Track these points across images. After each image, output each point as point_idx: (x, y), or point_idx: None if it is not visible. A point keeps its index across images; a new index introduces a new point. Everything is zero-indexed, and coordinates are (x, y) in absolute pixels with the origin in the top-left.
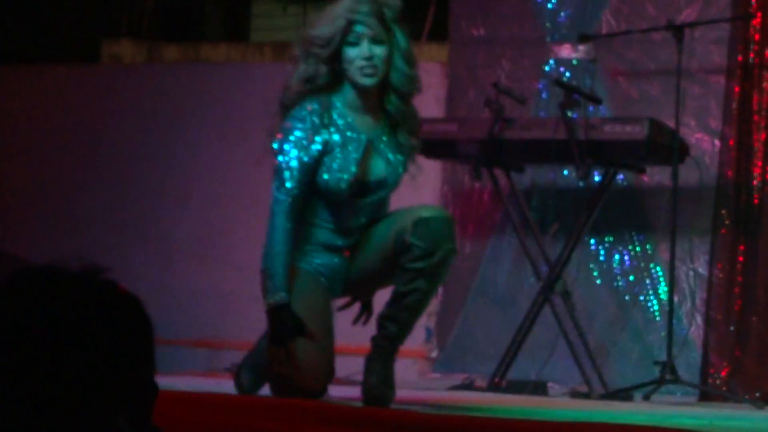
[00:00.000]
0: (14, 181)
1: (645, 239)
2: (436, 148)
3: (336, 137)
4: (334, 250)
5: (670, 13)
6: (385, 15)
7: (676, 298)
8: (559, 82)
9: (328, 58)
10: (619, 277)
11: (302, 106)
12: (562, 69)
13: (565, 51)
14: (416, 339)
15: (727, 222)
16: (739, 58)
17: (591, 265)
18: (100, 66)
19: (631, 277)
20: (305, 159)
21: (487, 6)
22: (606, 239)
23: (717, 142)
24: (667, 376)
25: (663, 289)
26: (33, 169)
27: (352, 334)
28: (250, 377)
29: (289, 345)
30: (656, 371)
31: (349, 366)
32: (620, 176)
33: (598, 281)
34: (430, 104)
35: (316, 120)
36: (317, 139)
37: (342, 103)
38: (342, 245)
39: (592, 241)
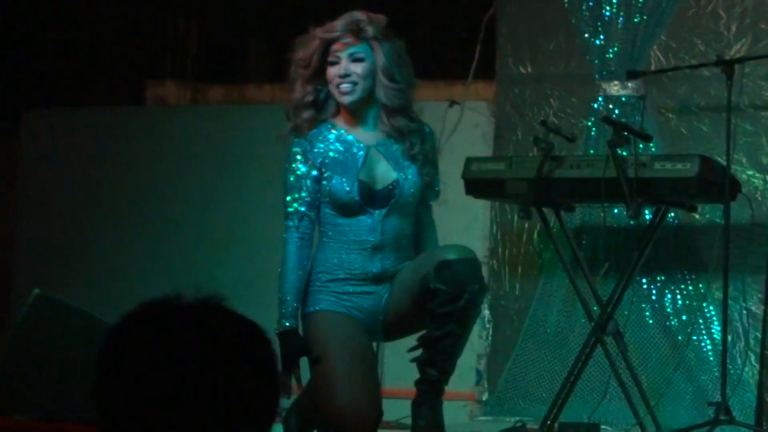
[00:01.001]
0: (59, 225)
1: (697, 278)
2: (485, 187)
3: (332, 154)
4: (366, 280)
5: (719, 48)
6: (364, 32)
7: (729, 338)
8: (608, 120)
9: (312, 79)
10: (671, 317)
11: (288, 147)
12: (611, 106)
13: (614, 88)
14: (466, 381)
15: None
16: None
17: (643, 305)
18: (145, 108)
19: (684, 317)
20: (303, 180)
21: (534, 43)
22: (658, 278)
23: None
24: (722, 417)
25: (716, 328)
26: (77, 213)
27: (400, 378)
28: (298, 422)
29: (294, 369)
30: (710, 412)
31: (399, 410)
32: (671, 214)
33: (650, 321)
34: (477, 143)
35: (304, 147)
36: (308, 165)
37: (339, 122)
38: (374, 273)
39: (644, 280)
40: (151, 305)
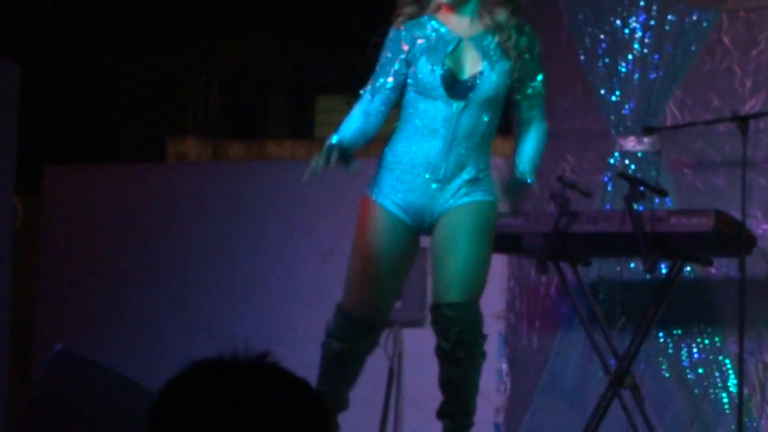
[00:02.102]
0: (82, 280)
1: (713, 332)
2: (502, 242)
3: (422, 41)
4: (426, 169)
5: (734, 104)
6: None
7: (746, 391)
8: (624, 175)
9: None
10: (688, 371)
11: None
12: (627, 161)
13: (630, 143)
14: None
15: None
16: None
17: (660, 359)
18: (166, 164)
19: (700, 370)
20: (388, 62)
21: (551, 99)
22: (674, 332)
23: None
24: None
25: (732, 381)
26: (100, 268)
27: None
28: None
29: (327, 156)
30: None
31: None
32: (687, 269)
33: (667, 375)
34: None
35: (399, 34)
36: (395, 50)
37: (440, 15)
38: (435, 163)
39: (660, 334)
40: (206, 365)
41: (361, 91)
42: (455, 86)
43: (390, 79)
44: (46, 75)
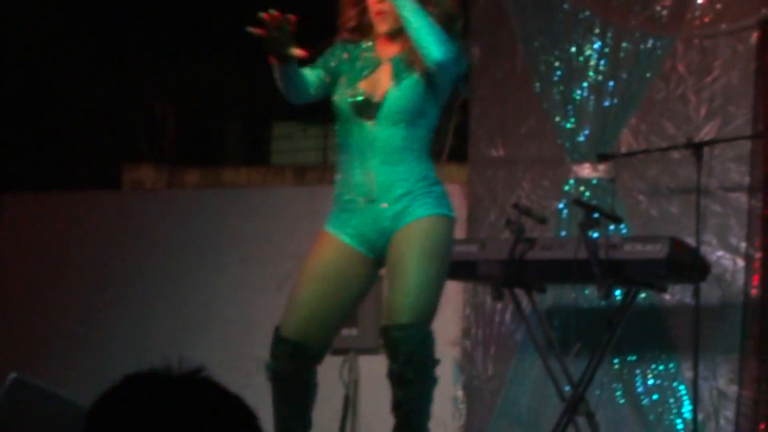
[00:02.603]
0: (35, 307)
1: (668, 358)
2: (458, 269)
3: (345, 62)
4: (357, 193)
5: (688, 131)
6: None
7: (700, 417)
8: (578, 202)
9: (355, 4)
10: (642, 397)
11: None
12: (582, 188)
13: (585, 170)
14: None
15: (750, 342)
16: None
17: (614, 385)
18: (122, 192)
19: (655, 396)
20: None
21: (506, 127)
22: (629, 358)
23: (739, 260)
24: None
25: (687, 407)
26: (55, 295)
27: None
28: None
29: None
30: None
31: None
32: (642, 295)
33: (622, 401)
34: None
35: (335, 48)
36: (332, 56)
37: (373, 42)
38: (364, 186)
39: (615, 360)
40: (140, 378)
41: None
42: (366, 108)
43: (318, 69)
44: None
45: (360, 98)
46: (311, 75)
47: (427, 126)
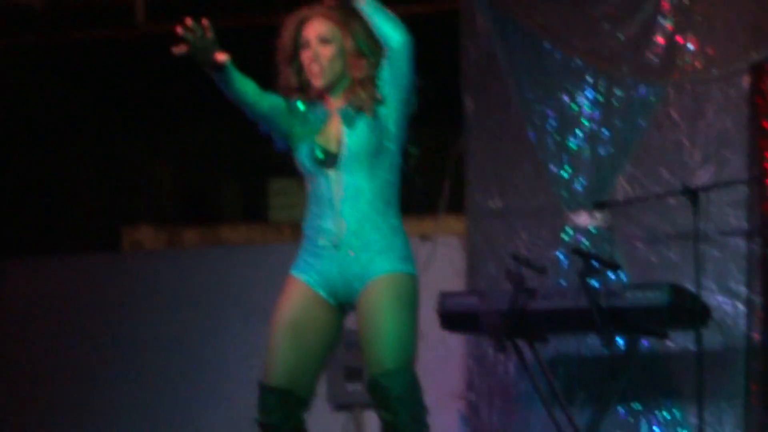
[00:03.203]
0: (39, 372)
1: (672, 405)
2: (459, 321)
3: (298, 124)
4: (325, 238)
5: (684, 176)
6: (331, 15)
7: None
8: (577, 251)
9: (290, 63)
10: None
11: None
12: (580, 237)
13: (582, 219)
14: None
15: (754, 387)
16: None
17: None
18: (122, 253)
19: None
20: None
21: (502, 178)
22: (634, 406)
23: (739, 304)
24: None
25: None
26: (57, 359)
27: None
28: None
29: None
30: None
31: None
32: (644, 342)
33: None
34: (450, 277)
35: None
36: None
37: (316, 99)
38: (332, 231)
39: (621, 409)
40: None
41: None
42: (327, 159)
43: (280, 98)
44: None
45: (318, 152)
46: (273, 98)
47: (390, 163)
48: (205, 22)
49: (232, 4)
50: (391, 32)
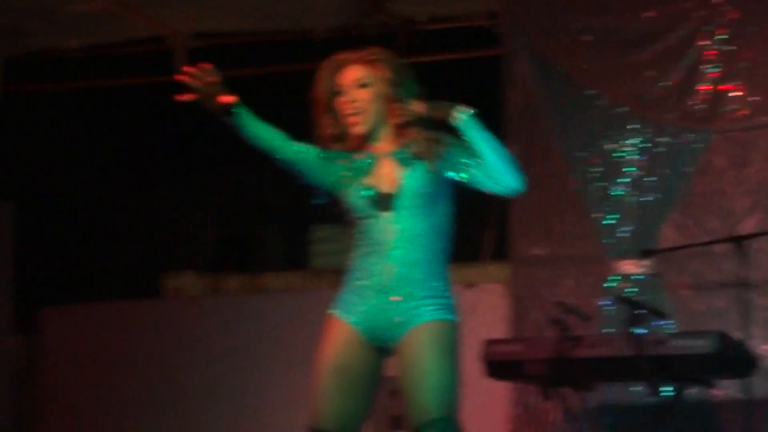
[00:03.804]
0: (82, 419)
1: None
2: (504, 369)
3: (345, 167)
4: (374, 281)
5: (730, 224)
6: (367, 59)
7: None
8: (623, 299)
9: (328, 112)
10: None
11: None
12: (625, 285)
13: (628, 267)
14: None
15: None
16: None
17: None
18: (164, 300)
19: None
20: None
21: (547, 225)
22: None
23: None
24: None
25: None
26: (100, 406)
27: None
28: None
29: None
30: None
31: None
32: (691, 391)
33: None
34: (494, 325)
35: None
36: (319, 151)
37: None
38: (382, 275)
39: None
40: None
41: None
42: (380, 201)
43: (311, 147)
44: (41, 215)
45: (370, 192)
46: (301, 146)
47: (444, 214)
48: (207, 66)
49: (273, 51)
50: (507, 178)
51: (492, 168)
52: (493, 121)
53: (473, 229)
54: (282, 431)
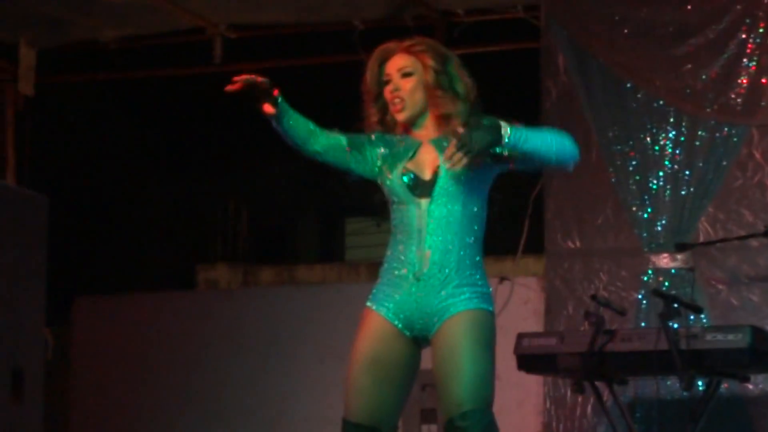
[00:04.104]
0: (113, 411)
1: None
2: (537, 362)
3: (387, 151)
4: (409, 269)
5: (766, 219)
6: (412, 48)
7: None
8: (658, 292)
9: (375, 101)
10: None
11: None
12: (660, 279)
13: (663, 260)
14: None
15: None
16: None
17: None
18: (197, 292)
19: None
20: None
21: (582, 218)
22: None
23: None
24: None
25: None
26: (132, 397)
27: None
28: None
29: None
30: None
31: None
32: (724, 385)
33: None
34: (528, 318)
35: (369, 137)
36: (367, 139)
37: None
38: (418, 262)
39: None
40: None
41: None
42: (419, 187)
43: (341, 136)
44: (75, 206)
45: (410, 177)
46: (330, 136)
47: (481, 203)
48: (259, 80)
49: (311, 43)
50: (567, 154)
51: (554, 157)
52: (531, 113)
53: (508, 222)
54: (315, 423)
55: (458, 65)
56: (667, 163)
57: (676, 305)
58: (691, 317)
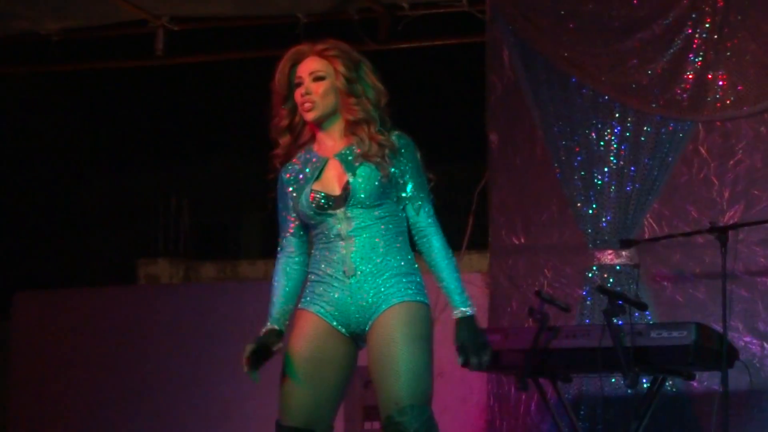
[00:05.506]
0: (55, 402)
1: None
2: None
3: (294, 177)
4: (337, 270)
5: (712, 215)
6: (325, 52)
7: None
8: (602, 289)
9: (285, 103)
10: None
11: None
12: (605, 275)
13: (608, 257)
14: None
15: None
16: None
17: None
18: (138, 286)
19: None
20: (282, 209)
21: (527, 214)
22: None
23: (766, 345)
24: None
25: None
26: (71, 392)
27: None
28: None
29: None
30: None
31: None
32: (669, 382)
33: None
34: None
35: (282, 179)
36: (283, 199)
37: (312, 142)
38: (343, 262)
39: None
40: None
41: (278, 248)
42: (331, 202)
43: (290, 230)
44: (14, 201)
45: (319, 197)
46: (294, 239)
47: (396, 199)
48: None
49: (255, 36)
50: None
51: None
52: (476, 108)
53: (452, 217)
54: (256, 421)
55: (370, 70)
56: (612, 158)
57: (620, 302)
58: (636, 314)
